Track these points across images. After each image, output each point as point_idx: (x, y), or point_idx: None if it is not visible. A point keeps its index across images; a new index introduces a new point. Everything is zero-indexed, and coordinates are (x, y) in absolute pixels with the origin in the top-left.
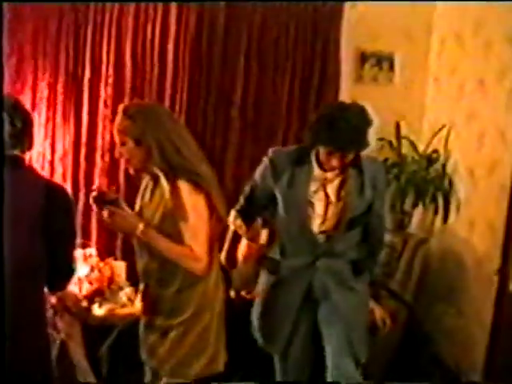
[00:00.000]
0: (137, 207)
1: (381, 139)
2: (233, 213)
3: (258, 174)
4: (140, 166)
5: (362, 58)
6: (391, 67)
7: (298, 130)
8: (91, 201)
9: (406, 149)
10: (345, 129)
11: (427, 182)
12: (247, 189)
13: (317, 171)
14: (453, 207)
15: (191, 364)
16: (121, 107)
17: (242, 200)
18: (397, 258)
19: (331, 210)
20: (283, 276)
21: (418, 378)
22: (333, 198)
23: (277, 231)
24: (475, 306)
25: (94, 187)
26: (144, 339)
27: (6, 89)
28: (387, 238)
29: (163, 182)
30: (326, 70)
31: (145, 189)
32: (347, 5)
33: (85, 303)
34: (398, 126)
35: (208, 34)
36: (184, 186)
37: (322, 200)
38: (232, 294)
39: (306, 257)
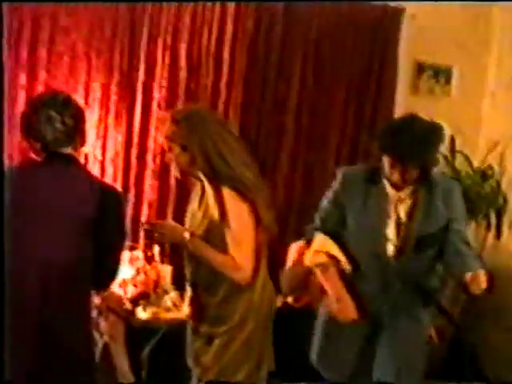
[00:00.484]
0: (188, 214)
1: None
2: (318, 235)
3: (331, 193)
4: (186, 172)
5: (419, 69)
6: (448, 80)
7: (352, 140)
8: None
9: (460, 163)
10: (408, 138)
11: (481, 197)
12: (323, 209)
13: (389, 190)
14: (506, 224)
15: (234, 372)
16: (168, 113)
17: (320, 221)
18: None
19: (403, 232)
20: None
21: None
22: (404, 218)
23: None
24: None
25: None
26: (190, 345)
27: (59, 88)
28: None
29: (207, 188)
30: (383, 81)
31: (195, 195)
32: (406, 16)
33: (129, 306)
34: (452, 140)
35: (265, 39)
36: (228, 193)
37: (394, 221)
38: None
39: (375, 283)
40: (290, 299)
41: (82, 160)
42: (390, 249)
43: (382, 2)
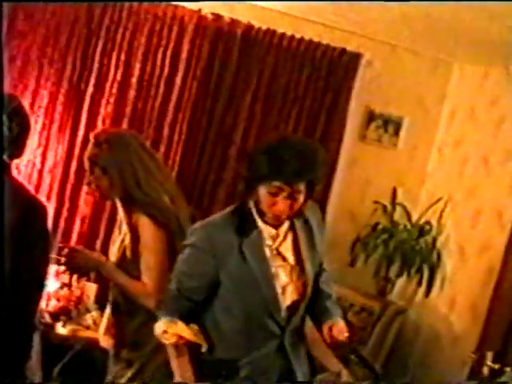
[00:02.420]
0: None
1: (375, 202)
2: (162, 322)
3: (189, 261)
4: (105, 195)
5: (370, 117)
6: (397, 131)
7: None
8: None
9: (399, 216)
10: (289, 156)
11: (415, 252)
12: (178, 284)
13: (266, 231)
14: (437, 282)
15: None
16: (92, 134)
17: (173, 301)
18: (373, 324)
19: (295, 274)
20: (244, 377)
21: None
22: (290, 259)
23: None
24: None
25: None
26: (110, 368)
27: (7, 90)
28: (366, 302)
29: (121, 213)
30: (332, 124)
31: (119, 220)
32: (363, 62)
33: (49, 320)
34: (394, 192)
35: (219, 67)
36: (141, 220)
37: (282, 265)
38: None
39: (272, 342)
40: None
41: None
42: (287, 299)
43: (340, 46)
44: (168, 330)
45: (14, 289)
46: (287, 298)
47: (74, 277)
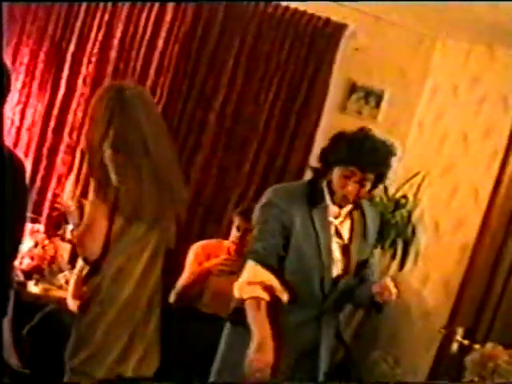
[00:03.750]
0: None
1: None
2: (251, 266)
3: (268, 218)
4: None
5: (351, 88)
6: (378, 104)
7: (272, 147)
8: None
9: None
10: (368, 147)
11: (390, 225)
12: (263, 236)
13: (332, 208)
14: (411, 256)
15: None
16: None
17: (261, 250)
18: None
19: (346, 255)
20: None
21: None
22: (346, 239)
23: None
24: (414, 359)
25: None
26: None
27: None
28: None
29: None
30: (312, 93)
31: None
32: (347, 33)
33: (21, 278)
34: None
35: (202, 31)
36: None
37: (338, 242)
38: (172, 298)
39: (312, 310)
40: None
41: None
42: (334, 273)
43: (325, 14)
44: (253, 278)
45: None
46: (334, 271)
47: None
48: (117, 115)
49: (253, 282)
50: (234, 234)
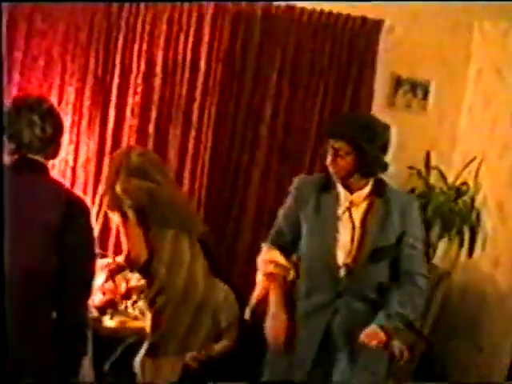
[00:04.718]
0: None
1: (410, 168)
2: (265, 247)
3: (285, 205)
4: None
5: (397, 83)
6: (425, 95)
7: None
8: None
9: (434, 179)
10: (337, 118)
11: (454, 214)
12: (277, 222)
13: (343, 193)
14: (479, 242)
15: None
16: None
17: (273, 234)
18: None
19: (356, 239)
20: (301, 315)
21: None
22: (357, 223)
23: (300, 267)
24: (494, 343)
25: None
26: None
27: (33, 91)
28: None
29: None
30: (359, 94)
31: None
32: (385, 28)
33: (96, 314)
34: (428, 156)
35: (241, 47)
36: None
37: (348, 226)
38: (247, 315)
39: (326, 294)
40: (247, 315)
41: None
42: (343, 258)
43: (360, 13)
44: (266, 257)
45: (65, 288)
46: (343, 257)
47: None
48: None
49: (266, 261)
50: None
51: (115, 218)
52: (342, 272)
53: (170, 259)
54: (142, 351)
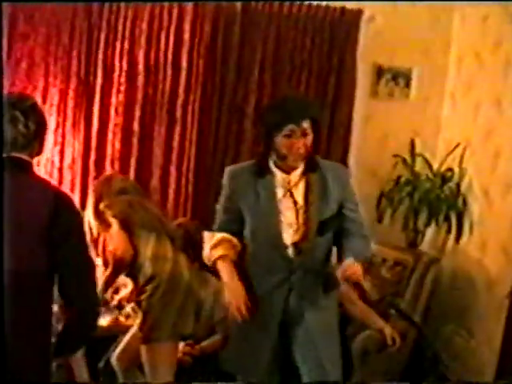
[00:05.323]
0: None
1: (395, 156)
2: (206, 236)
3: (222, 198)
4: None
5: (378, 72)
6: (407, 83)
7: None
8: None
9: (420, 166)
10: (289, 102)
11: (441, 200)
12: (217, 217)
13: (279, 175)
14: (466, 227)
15: None
16: None
17: (215, 229)
18: (407, 276)
19: (301, 217)
20: (259, 295)
21: None
22: (301, 202)
23: (246, 252)
24: (485, 328)
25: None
26: None
27: (13, 89)
28: (399, 255)
29: None
30: (341, 84)
31: None
32: (364, 18)
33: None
34: (412, 143)
35: (223, 42)
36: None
37: (291, 207)
38: None
39: (279, 273)
40: None
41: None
42: (291, 237)
43: (340, 3)
44: (212, 241)
45: (69, 280)
46: (290, 236)
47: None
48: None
49: (213, 246)
50: None
51: (97, 227)
52: (291, 250)
53: (154, 254)
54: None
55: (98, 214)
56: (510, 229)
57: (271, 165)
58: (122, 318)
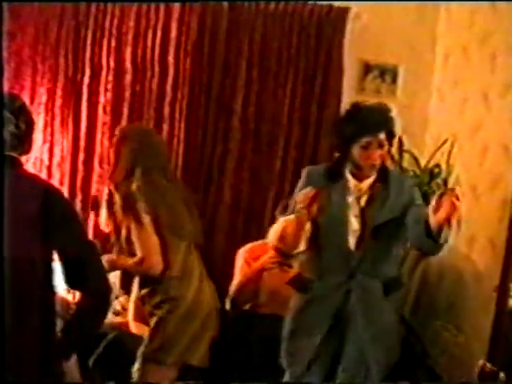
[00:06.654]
0: None
1: None
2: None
3: (297, 190)
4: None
5: (365, 69)
6: (394, 79)
7: (299, 140)
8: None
9: (407, 162)
10: (366, 114)
11: (429, 195)
12: (291, 207)
13: (352, 182)
14: (454, 222)
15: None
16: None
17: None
18: None
19: (363, 222)
20: (315, 296)
21: None
22: (365, 208)
23: (312, 250)
24: (474, 322)
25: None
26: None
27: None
28: None
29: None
30: (328, 81)
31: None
32: (351, 15)
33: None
34: (399, 140)
35: (209, 40)
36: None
37: (357, 214)
38: (227, 306)
39: (340, 275)
40: (227, 305)
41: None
42: (354, 242)
43: (327, 2)
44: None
45: (77, 261)
46: (354, 241)
47: None
48: (141, 157)
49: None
50: None
51: (126, 223)
52: (355, 254)
53: (182, 272)
54: (139, 358)
55: (127, 199)
56: (498, 223)
57: (346, 171)
58: (111, 316)
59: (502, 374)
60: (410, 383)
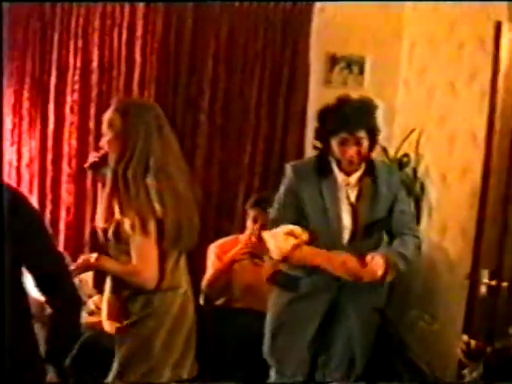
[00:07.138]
0: None
1: None
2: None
3: (281, 192)
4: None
5: (332, 61)
6: (361, 71)
7: (267, 135)
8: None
9: (376, 153)
10: (348, 110)
11: None
12: (275, 210)
13: (340, 176)
14: (424, 212)
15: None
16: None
17: (275, 221)
18: None
19: (354, 217)
20: (304, 293)
21: (392, 382)
22: (355, 203)
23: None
24: (448, 310)
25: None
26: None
27: None
28: None
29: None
30: (295, 74)
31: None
32: (316, 8)
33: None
34: None
35: (175, 37)
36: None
37: (348, 209)
38: (201, 301)
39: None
40: (201, 300)
41: None
42: (346, 235)
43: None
44: (282, 229)
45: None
46: (347, 235)
47: None
48: (155, 137)
49: (283, 235)
50: (251, 226)
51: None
52: (345, 248)
53: (169, 285)
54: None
55: (139, 197)
56: (468, 211)
57: (333, 165)
58: (85, 315)
59: (488, 349)
60: (389, 373)
